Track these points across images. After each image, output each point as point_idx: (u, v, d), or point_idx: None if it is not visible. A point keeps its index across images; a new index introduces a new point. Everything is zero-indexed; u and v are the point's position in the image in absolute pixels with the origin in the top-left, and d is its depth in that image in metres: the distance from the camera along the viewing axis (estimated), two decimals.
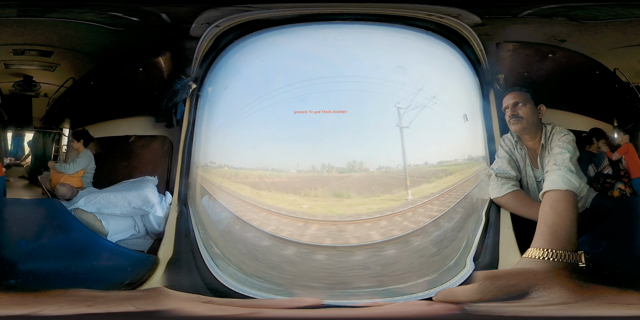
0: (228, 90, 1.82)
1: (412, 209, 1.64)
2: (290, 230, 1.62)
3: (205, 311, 1.31)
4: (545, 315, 1.25)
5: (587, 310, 1.26)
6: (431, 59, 1.86)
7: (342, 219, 1.60)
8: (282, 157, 1.65)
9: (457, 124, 1.75)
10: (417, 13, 1.79)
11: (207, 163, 1.80)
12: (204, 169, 1.81)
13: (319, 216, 1.61)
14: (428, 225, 1.64)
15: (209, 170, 1.79)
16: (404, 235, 1.61)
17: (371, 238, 1.59)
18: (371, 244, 1.59)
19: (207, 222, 1.77)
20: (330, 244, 1.58)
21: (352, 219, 1.60)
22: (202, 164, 1.82)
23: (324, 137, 1.65)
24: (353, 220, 1.60)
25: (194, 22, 1.80)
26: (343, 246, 1.58)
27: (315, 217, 1.61)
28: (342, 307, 1.45)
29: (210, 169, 1.78)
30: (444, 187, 1.68)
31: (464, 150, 1.77)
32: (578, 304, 1.27)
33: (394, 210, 1.63)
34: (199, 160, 1.84)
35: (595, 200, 1.84)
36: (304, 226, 1.61)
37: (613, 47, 1.83)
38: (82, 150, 1.99)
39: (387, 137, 1.65)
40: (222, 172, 1.73)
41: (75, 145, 1.99)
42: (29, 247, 1.63)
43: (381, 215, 1.62)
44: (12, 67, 1.89)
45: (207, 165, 1.80)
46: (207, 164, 1.80)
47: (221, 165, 1.74)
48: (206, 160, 1.81)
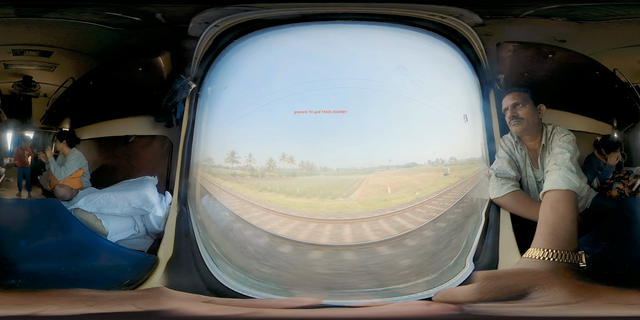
0: (228, 90, 1.82)
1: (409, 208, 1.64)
2: (286, 229, 1.62)
3: (205, 311, 1.31)
4: (546, 315, 1.26)
5: (588, 310, 1.26)
6: (432, 59, 1.86)
7: (339, 219, 1.61)
8: (282, 157, 1.65)
9: (457, 124, 1.75)
10: (419, 13, 1.78)
11: (206, 163, 1.80)
12: (203, 169, 1.81)
13: (317, 215, 1.62)
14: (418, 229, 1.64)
15: (208, 170, 1.78)
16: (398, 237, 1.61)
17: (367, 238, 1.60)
18: (366, 244, 1.59)
19: (207, 221, 1.77)
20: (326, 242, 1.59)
21: (349, 217, 1.61)
22: (202, 163, 1.82)
23: (324, 137, 1.65)
24: (350, 219, 1.61)
25: (193, 22, 1.80)
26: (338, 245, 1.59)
27: (313, 216, 1.62)
28: (341, 307, 1.45)
29: (209, 169, 1.78)
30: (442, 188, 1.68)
31: (464, 150, 1.77)
32: (578, 304, 1.27)
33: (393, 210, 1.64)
34: (198, 159, 1.84)
35: (595, 201, 1.84)
36: (301, 225, 1.61)
37: (613, 47, 1.83)
38: (67, 151, 1.95)
39: (387, 137, 1.65)
40: (222, 172, 1.73)
41: (59, 146, 1.95)
42: (29, 247, 1.63)
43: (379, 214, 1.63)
44: (12, 67, 1.88)
45: (207, 165, 1.80)
46: (206, 164, 1.80)
47: (221, 164, 1.74)
48: (206, 160, 1.81)
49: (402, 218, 1.63)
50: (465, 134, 1.78)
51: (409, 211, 1.64)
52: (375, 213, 1.62)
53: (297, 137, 1.67)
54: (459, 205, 1.70)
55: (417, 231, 1.62)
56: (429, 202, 1.66)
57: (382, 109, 1.68)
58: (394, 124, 1.66)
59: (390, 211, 1.63)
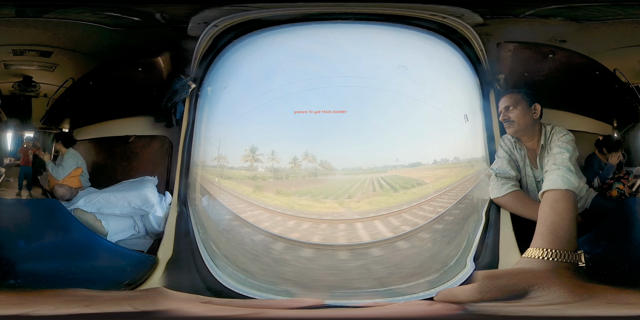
0: (227, 89, 1.82)
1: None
2: (280, 228, 1.62)
3: (204, 311, 1.30)
4: (545, 314, 1.25)
5: (587, 309, 1.26)
6: (432, 58, 1.86)
7: (335, 218, 1.61)
8: (281, 157, 1.65)
9: (457, 124, 1.75)
10: (420, 13, 1.78)
11: (206, 163, 1.80)
12: (203, 169, 1.81)
13: (316, 215, 1.62)
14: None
15: (208, 170, 1.78)
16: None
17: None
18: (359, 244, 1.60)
19: (207, 222, 1.77)
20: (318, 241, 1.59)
21: (344, 217, 1.61)
22: (202, 163, 1.82)
23: (324, 137, 1.65)
24: (344, 219, 1.61)
25: (192, 22, 1.80)
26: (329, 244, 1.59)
27: (311, 215, 1.62)
28: (343, 308, 1.45)
29: (209, 169, 1.78)
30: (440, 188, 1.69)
31: (464, 150, 1.77)
32: (578, 303, 1.27)
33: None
34: (198, 160, 1.84)
35: (594, 201, 1.84)
36: (296, 224, 1.62)
37: (613, 47, 1.82)
38: (64, 151, 1.98)
39: (388, 137, 1.65)
40: (222, 172, 1.73)
41: (57, 147, 1.98)
42: (28, 247, 1.63)
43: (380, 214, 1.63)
44: (12, 68, 1.88)
45: (207, 165, 1.80)
46: (206, 164, 1.80)
47: (221, 164, 1.74)
48: (206, 160, 1.81)
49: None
50: (465, 133, 1.78)
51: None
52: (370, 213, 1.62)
53: (297, 137, 1.67)
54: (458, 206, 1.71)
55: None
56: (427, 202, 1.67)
57: (382, 109, 1.68)
58: (395, 124, 1.66)
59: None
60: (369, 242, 1.59)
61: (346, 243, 1.59)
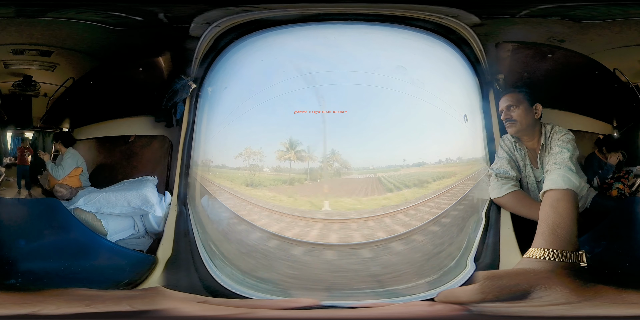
0: (228, 90, 1.82)
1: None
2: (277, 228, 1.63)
3: (199, 311, 1.31)
4: (547, 315, 1.25)
5: (589, 309, 1.26)
6: (431, 59, 1.86)
7: (329, 217, 1.61)
8: (281, 157, 1.65)
9: (457, 124, 1.75)
10: (417, 13, 1.79)
11: (206, 163, 1.80)
12: (203, 169, 1.81)
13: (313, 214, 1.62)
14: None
15: (208, 170, 1.78)
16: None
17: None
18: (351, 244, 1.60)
19: (207, 222, 1.77)
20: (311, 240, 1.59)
21: (340, 217, 1.61)
22: (202, 163, 1.82)
23: (324, 137, 1.65)
24: (340, 219, 1.61)
25: (193, 22, 1.80)
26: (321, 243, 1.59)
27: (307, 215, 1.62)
28: (340, 308, 1.45)
29: (209, 169, 1.78)
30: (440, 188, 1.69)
31: (464, 150, 1.77)
32: (579, 303, 1.27)
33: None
34: (198, 160, 1.84)
35: (594, 200, 1.84)
36: (292, 223, 1.61)
37: (612, 47, 1.83)
38: (64, 151, 1.98)
39: (388, 137, 1.65)
40: (222, 172, 1.73)
41: (56, 146, 1.99)
42: (29, 247, 1.63)
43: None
44: (12, 67, 1.89)
45: (207, 165, 1.80)
46: (206, 164, 1.80)
47: (221, 164, 1.74)
48: (206, 160, 1.81)
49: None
50: (465, 133, 1.78)
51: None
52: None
53: (297, 137, 1.67)
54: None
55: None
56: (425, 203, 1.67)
57: (382, 109, 1.68)
58: (395, 124, 1.66)
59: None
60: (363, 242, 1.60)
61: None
